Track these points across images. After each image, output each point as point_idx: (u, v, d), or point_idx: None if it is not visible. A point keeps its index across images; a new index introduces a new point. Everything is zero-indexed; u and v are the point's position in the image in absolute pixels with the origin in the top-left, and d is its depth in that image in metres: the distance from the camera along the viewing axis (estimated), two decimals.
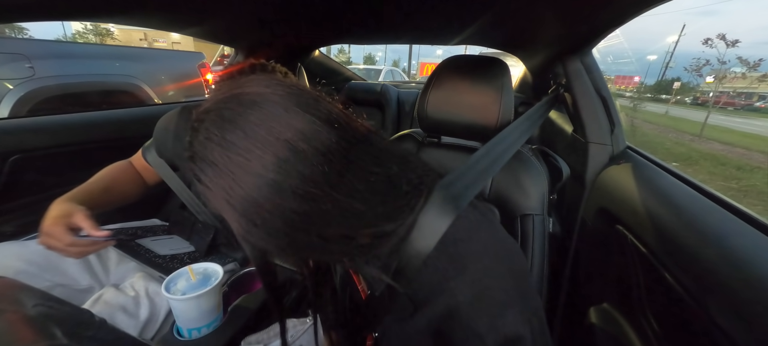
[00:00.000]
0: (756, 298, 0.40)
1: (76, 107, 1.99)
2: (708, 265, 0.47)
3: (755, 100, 29.77)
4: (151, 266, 0.77)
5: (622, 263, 0.68)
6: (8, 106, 2.04)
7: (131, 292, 0.72)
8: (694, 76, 13.43)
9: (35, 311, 0.43)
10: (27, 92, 2.12)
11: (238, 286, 0.75)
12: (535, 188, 0.68)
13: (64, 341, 0.41)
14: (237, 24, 1.02)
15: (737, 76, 15.61)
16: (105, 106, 1.43)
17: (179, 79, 3.05)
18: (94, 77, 2.51)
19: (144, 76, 2.77)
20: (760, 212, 0.50)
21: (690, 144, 8.99)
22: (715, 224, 0.51)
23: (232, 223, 0.30)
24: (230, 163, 0.28)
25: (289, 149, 0.27)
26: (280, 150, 0.27)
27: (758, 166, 6.71)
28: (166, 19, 0.91)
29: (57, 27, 34.16)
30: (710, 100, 15.05)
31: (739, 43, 11.43)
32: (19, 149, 0.95)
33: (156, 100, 2.81)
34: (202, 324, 0.59)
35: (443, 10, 0.80)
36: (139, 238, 0.87)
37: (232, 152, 0.28)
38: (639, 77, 36.43)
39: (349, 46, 21.42)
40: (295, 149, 0.28)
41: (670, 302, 0.54)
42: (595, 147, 0.85)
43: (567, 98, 0.94)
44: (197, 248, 0.92)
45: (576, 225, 0.88)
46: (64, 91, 2.31)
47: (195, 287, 0.58)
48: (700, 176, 5.86)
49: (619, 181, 0.74)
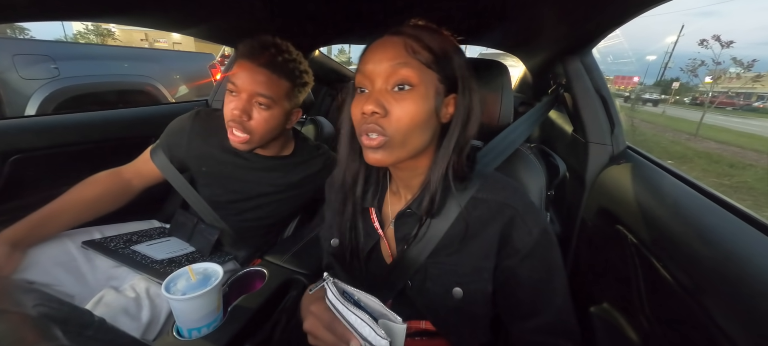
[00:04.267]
0: (755, 297, 0.40)
1: (97, 106, 2.05)
2: (708, 264, 0.47)
3: (754, 100, 29.86)
4: (147, 272, 0.76)
5: (622, 263, 0.68)
6: (35, 105, 2.16)
7: (132, 293, 0.72)
8: (691, 76, 13.50)
9: (36, 311, 0.43)
10: (52, 92, 2.24)
11: (238, 286, 0.75)
12: (532, 184, 0.69)
13: (65, 342, 0.41)
14: (237, 24, 1.02)
15: (733, 76, 15.67)
16: (122, 106, 1.45)
17: (191, 79, 3.18)
18: (113, 77, 2.65)
19: (159, 77, 2.90)
20: (750, 206, 0.50)
21: (686, 143, 9.05)
22: (715, 224, 0.51)
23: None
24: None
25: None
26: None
27: (751, 163, 6.79)
28: (166, 19, 0.90)
29: (57, 27, 34.12)
30: (707, 100, 15.08)
31: (733, 43, 11.47)
32: (19, 149, 0.95)
33: (170, 99, 2.91)
34: (203, 324, 0.58)
35: (444, 9, 0.80)
36: (133, 244, 0.86)
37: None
38: (638, 77, 36.51)
39: (349, 46, 21.40)
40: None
41: (670, 301, 0.54)
42: (595, 147, 0.85)
43: (567, 98, 0.94)
44: (199, 249, 0.92)
45: (576, 225, 0.88)
46: (87, 90, 2.43)
47: (195, 287, 0.57)
48: (694, 172, 5.95)
49: (619, 181, 0.74)
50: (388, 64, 0.44)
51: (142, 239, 0.89)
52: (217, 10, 0.86)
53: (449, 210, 0.51)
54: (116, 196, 0.88)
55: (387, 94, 0.44)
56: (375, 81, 0.45)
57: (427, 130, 0.47)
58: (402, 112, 0.44)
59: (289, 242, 1.05)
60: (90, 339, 0.48)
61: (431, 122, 0.47)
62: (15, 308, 0.41)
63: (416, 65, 0.44)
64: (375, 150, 0.46)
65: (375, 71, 0.45)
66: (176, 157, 0.91)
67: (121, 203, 0.89)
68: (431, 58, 0.45)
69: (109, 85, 2.59)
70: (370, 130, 0.45)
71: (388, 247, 0.57)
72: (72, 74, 2.36)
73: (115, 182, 0.88)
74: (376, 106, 0.43)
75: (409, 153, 0.47)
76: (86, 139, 1.09)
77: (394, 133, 0.44)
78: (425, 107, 0.45)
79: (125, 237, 0.87)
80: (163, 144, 0.92)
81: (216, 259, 0.90)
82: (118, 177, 0.90)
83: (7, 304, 0.41)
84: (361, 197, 0.57)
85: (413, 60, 0.44)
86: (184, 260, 0.86)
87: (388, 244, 0.57)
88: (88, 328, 0.49)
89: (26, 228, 0.72)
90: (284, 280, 0.77)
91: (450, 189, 0.50)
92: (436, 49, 0.45)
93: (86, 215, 0.82)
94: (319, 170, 0.95)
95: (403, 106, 0.44)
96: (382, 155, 0.46)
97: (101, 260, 0.79)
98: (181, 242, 0.94)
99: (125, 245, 0.84)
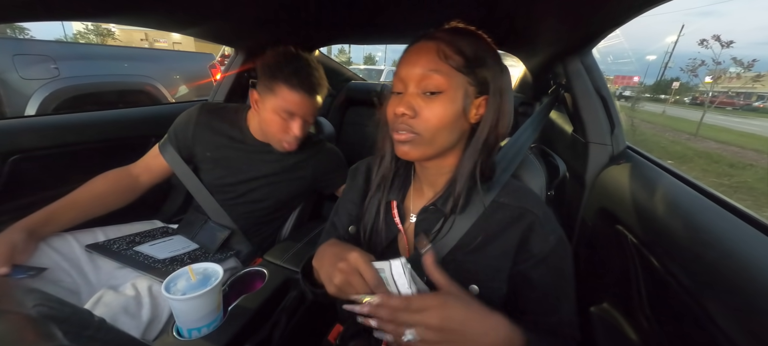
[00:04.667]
0: (755, 297, 0.40)
1: (96, 106, 2.07)
2: (708, 264, 0.47)
3: (754, 100, 29.86)
4: (150, 272, 0.77)
5: (622, 263, 0.68)
6: (35, 105, 2.17)
7: (132, 292, 0.72)
8: (690, 76, 13.50)
9: (36, 311, 0.43)
10: (52, 92, 2.25)
11: (238, 286, 0.75)
12: (532, 184, 0.69)
13: (65, 342, 0.41)
14: (237, 24, 1.02)
15: (733, 76, 15.68)
16: (122, 106, 1.46)
17: (191, 79, 3.20)
18: (113, 77, 2.66)
19: (159, 77, 2.91)
20: (750, 205, 0.50)
21: (686, 142, 9.05)
22: (715, 224, 0.51)
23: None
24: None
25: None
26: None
27: (751, 163, 6.80)
28: (166, 19, 0.91)
29: (57, 27, 34.14)
30: (707, 100, 15.08)
31: (733, 43, 11.47)
32: (19, 149, 0.95)
33: (170, 100, 2.93)
34: (203, 324, 0.58)
35: (443, 10, 0.80)
36: (136, 245, 0.87)
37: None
38: (638, 77, 36.55)
39: (349, 46, 21.40)
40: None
41: (670, 301, 0.54)
42: (595, 147, 0.85)
43: (567, 98, 0.94)
44: (205, 246, 0.93)
45: (576, 225, 0.88)
46: (87, 90, 2.44)
47: (195, 287, 0.58)
48: (694, 172, 5.97)
49: (619, 181, 0.74)
50: (421, 70, 0.47)
51: (144, 240, 0.90)
52: (217, 10, 0.86)
53: (472, 209, 0.53)
54: (125, 191, 0.93)
55: (418, 98, 0.48)
56: (408, 85, 0.49)
57: (454, 131, 0.50)
58: (430, 114, 0.48)
59: (289, 242, 1.05)
60: (90, 339, 0.48)
61: (459, 123, 0.50)
62: (15, 308, 0.41)
63: (447, 70, 0.47)
64: (404, 143, 0.50)
65: (408, 76, 0.48)
66: (184, 147, 0.97)
67: (129, 199, 0.94)
68: (463, 63, 0.47)
69: (109, 85, 2.60)
70: (401, 129, 0.50)
71: (406, 242, 0.59)
72: (72, 74, 2.37)
73: (124, 179, 0.93)
74: (407, 108, 0.48)
75: (436, 151, 0.51)
76: (86, 139, 1.09)
77: (423, 131, 0.49)
78: (453, 109, 0.48)
79: (128, 238, 0.88)
80: (171, 137, 0.98)
81: (217, 256, 0.91)
82: (127, 173, 0.95)
83: (7, 304, 0.41)
84: (387, 190, 0.60)
85: (444, 65, 0.46)
86: (187, 258, 0.87)
87: (406, 238, 0.59)
88: (88, 328, 0.49)
89: (42, 218, 0.76)
90: (284, 280, 0.77)
91: (476, 188, 0.52)
92: (469, 53, 0.47)
93: (97, 210, 0.87)
94: (310, 156, 1.02)
95: (432, 108, 0.47)
96: (410, 148, 0.50)
97: (104, 260, 0.81)
98: (183, 241, 0.94)
99: (128, 246, 0.85)
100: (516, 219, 0.52)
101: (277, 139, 0.91)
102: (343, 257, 0.46)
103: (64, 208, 0.81)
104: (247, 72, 1.35)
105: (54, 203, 0.80)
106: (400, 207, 0.60)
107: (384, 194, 0.60)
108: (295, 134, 0.89)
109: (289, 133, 0.89)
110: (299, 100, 0.85)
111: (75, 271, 0.77)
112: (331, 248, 0.50)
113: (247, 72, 1.35)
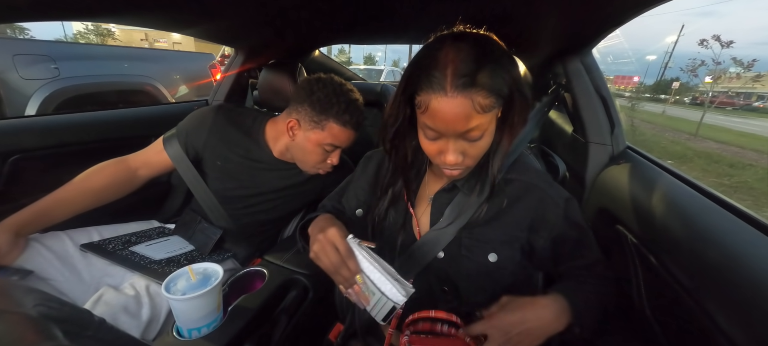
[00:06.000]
0: (755, 297, 0.40)
1: (97, 106, 2.06)
2: (708, 265, 0.47)
3: (754, 100, 29.85)
4: (146, 273, 0.76)
5: (622, 263, 0.68)
6: (35, 105, 2.16)
7: (132, 292, 0.72)
8: (690, 76, 13.49)
9: (36, 311, 0.43)
10: (52, 92, 2.24)
11: (238, 286, 0.75)
12: None
13: (65, 342, 0.41)
14: (237, 24, 1.02)
15: (733, 76, 15.66)
16: (122, 106, 1.46)
17: (191, 80, 3.18)
18: (113, 77, 2.65)
19: (159, 77, 2.90)
20: (750, 205, 0.50)
21: (686, 143, 9.05)
22: (715, 224, 0.51)
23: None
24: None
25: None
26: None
27: (750, 163, 6.79)
28: (166, 19, 0.90)
29: (57, 27, 34.13)
30: (707, 100, 15.08)
31: (733, 43, 11.44)
32: (19, 149, 0.95)
33: (170, 99, 2.92)
34: (203, 324, 0.58)
35: (443, 9, 0.80)
36: (132, 245, 0.86)
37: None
38: (638, 77, 36.54)
39: (349, 46, 21.39)
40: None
41: (670, 301, 0.54)
42: (595, 147, 0.85)
43: (567, 98, 0.94)
44: (199, 247, 0.92)
45: None
46: (87, 90, 2.43)
47: (195, 287, 0.58)
48: (694, 172, 5.96)
49: (619, 181, 0.74)
50: (461, 128, 0.47)
51: (140, 240, 0.89)
52: (217, 10, 0.86)
53: (485, 187, 0.59)
54: (121, 185, 0.88)
55: (462, 142, 0.50)
56: (448, 135, 0.49)
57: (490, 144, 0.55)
58: (477, 151, 0.51)
59: (289, 242, 1.05)
60: (90, 339, 0.48)
61: (493, 135, 0.53)
62: (15, 308, 0.41)
63: (484, 117, 0.47)
64: (454, 170, 0.54)
65: (447, 130, 0.48)
66: (193, 148, 0.92)
67: (125, 193, 0.89)
68: (495, 100, 0.47)
69: (109, 85, 2.59)
70: (454, 171, 0.53)
71: (417, 224, 0.63)
72: (72, 74, 2.36)
73: (121, 171, 0.88)
74: (456, 157, 0.50)
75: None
76: (86, 139, 1.09)
77: (472, 163, 0.53)
78: (491, 135, 0.51)
79: (124, 238, 0.87)
80: (179, 133, 0.92)
81: (215, 257, 0.90)
82: (125, 166, 0.90)
83: (7, 304, 0.41)
84: (401, 179, 0.63)
85: (482, 116, 0.46)
86: (183, 259, 0.86)
87: (417, 221, 0.63)
88: (88, 328, 0.49)
89: (29, 216, 0.73)
90: (284, 280, 0.77)
91: (487, 167, 0.57)
92: (498, 86, 0.46)
93: (91, 204, 0.82)
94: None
95: (477, 146, 0.50)
96: (460, 173, 0.56)
97: (98, 258, 0.79)
98: (180, 241, 0.93)
99: (124, 247, 0.84)
100: (524, 193, 0.59)
101: (314, 167, 0.90)
102: (324, 230, 0.53)
103: (55, 204, 0.77)
104: (247, 72, 1.35)
105: (44, 199, 0.76)
106: (414, 194, 0.64)
107: (399, 182, 0.63)
108: (334, 163, 0.89)
109: (327, 164, 0.89)
110: (348, 137, 0.86)
111: (68, 269, 0.75)
112: (321, 221, 0.57)
113: (247, 72, 1.35)
